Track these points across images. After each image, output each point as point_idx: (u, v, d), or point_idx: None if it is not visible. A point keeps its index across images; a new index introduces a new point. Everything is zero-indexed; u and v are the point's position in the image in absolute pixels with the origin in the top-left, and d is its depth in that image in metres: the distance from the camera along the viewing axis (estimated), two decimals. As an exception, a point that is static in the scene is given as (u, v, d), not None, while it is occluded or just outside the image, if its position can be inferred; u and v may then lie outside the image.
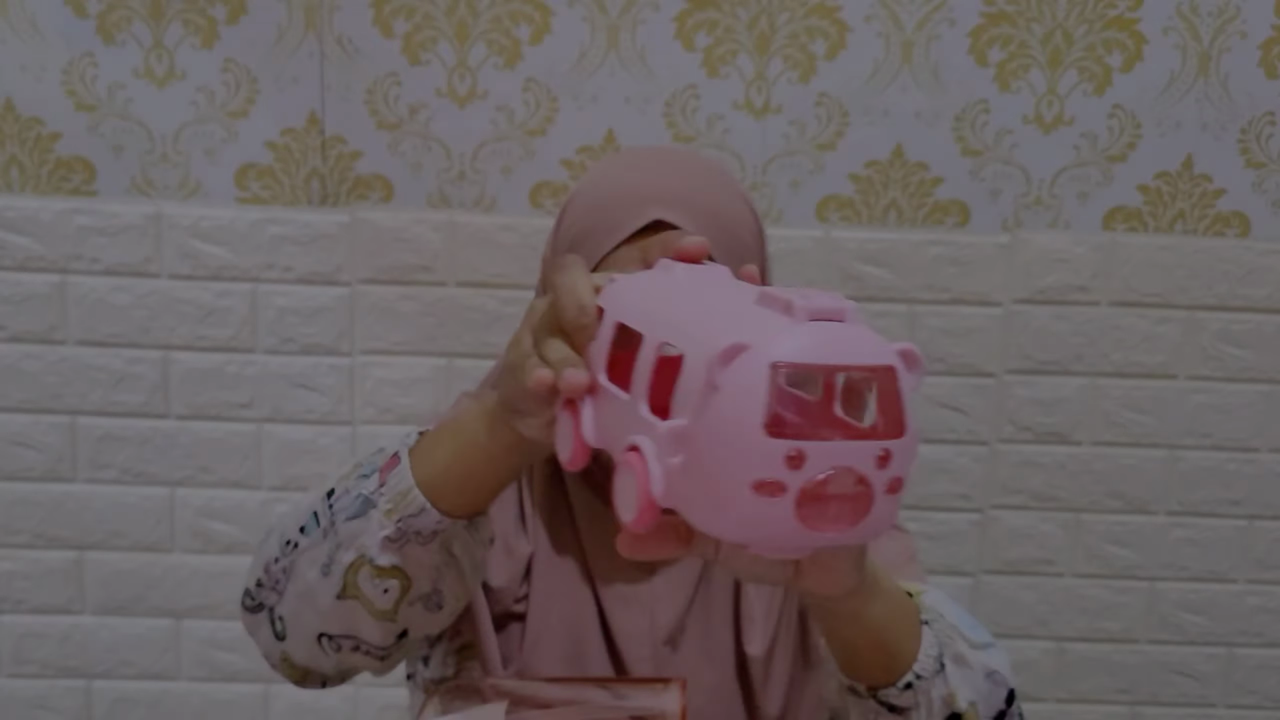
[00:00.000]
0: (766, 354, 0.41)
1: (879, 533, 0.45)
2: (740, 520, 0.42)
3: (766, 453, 0.40)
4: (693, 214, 0.76)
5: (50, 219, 1.30)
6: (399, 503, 0.68)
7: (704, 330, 0.44)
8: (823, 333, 0.42)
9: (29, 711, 1.44)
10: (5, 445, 1.36)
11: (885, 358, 0.43)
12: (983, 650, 0.72)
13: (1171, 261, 1.34)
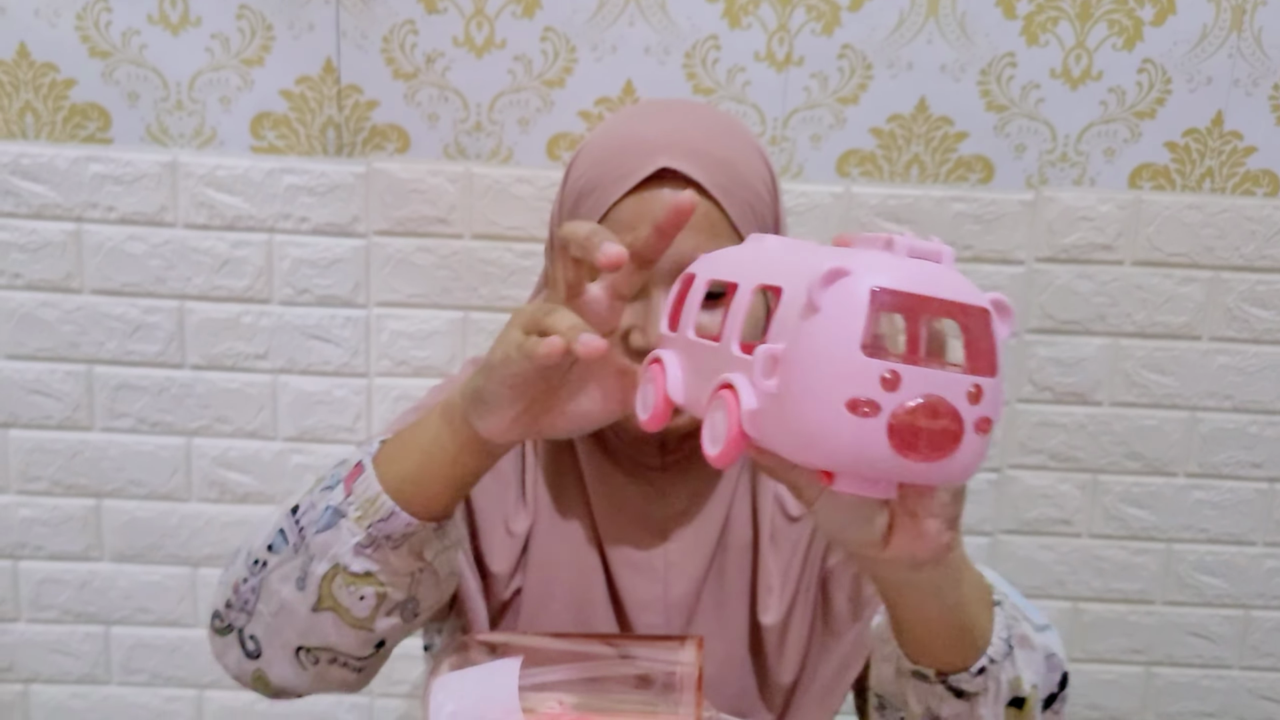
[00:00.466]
0: (868, 279, 0.41)
1: (968, 473, 0.45)
2: (832, 441, 0.42)
3: (863, 371, 0.41)
4: (702, 163, 0.75)
5: (65, 167, 1.29)
6: (368, 509, 0.68)
7: (803, 266, 0.44)
8: (921, 269, 0.43)
9: (48, 655, 1.45)
10: (23, 393, 1.36)
11: (980, 300, 0.43)
12: (1043, 632, 0.71)
13: (1198, 220, 1.32)
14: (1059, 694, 0.71)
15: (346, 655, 0.73)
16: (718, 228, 0.75)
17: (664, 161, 0.74)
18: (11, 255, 1.32)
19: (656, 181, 0.74)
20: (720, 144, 0.77)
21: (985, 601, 0.67)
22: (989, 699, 0.66)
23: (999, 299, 0.45)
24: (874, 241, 0.45)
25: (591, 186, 0.77)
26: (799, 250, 0.51)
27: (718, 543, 0.84)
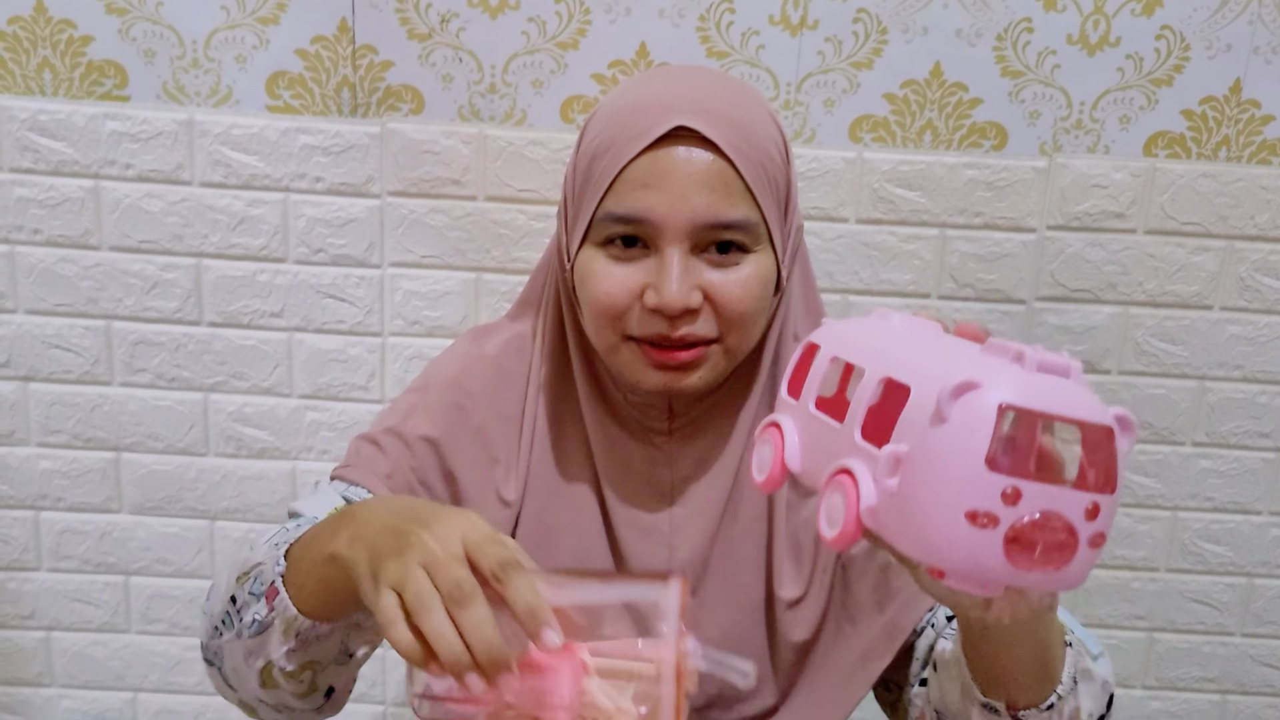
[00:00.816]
0: (996, 394, 0.43)
1: (1077, 582, 0.46)
2: (948, 546, 0.44)
3: (985, 484, 0.43)
4: (716, 122, 0.75)
5: (83, 124, 1.30)
6: (290, 625, 0.70)
7: (932, 368, 0.46)
8: (1050, 384, 0.44)
9: (69, 604, 1.49)
10: (44, 347, 1.39)
11: (1105, 418, 0.45)
12: (1098, 661, 0.74)
13: (1212, 189, 1.31)
14: (1106, 714, 0.75)
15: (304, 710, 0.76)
16: (731, 187, 0.75)
17: (679, 119, 0.74)
18: (31, 211, 1.33)
19: (671, 140, 0.75)
20: (734, 106, 0.77)
21: (1061, 642, 0.69)
22: None
23: (1123, 415, 0.47)
24: (1004, 351, 0.46)
25: (606, 146, 0.77)
26: (926, 341, 0.52)
27: (725, 509, 0.84)
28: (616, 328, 0.78)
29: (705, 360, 0.78)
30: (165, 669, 1.52)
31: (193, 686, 1.52)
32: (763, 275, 0.78)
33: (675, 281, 0.74)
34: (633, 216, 0.75)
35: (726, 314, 0.77)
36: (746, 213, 0.76)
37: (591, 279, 0.78)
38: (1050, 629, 0.66)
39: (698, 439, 0.85)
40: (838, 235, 1.33)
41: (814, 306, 0.89)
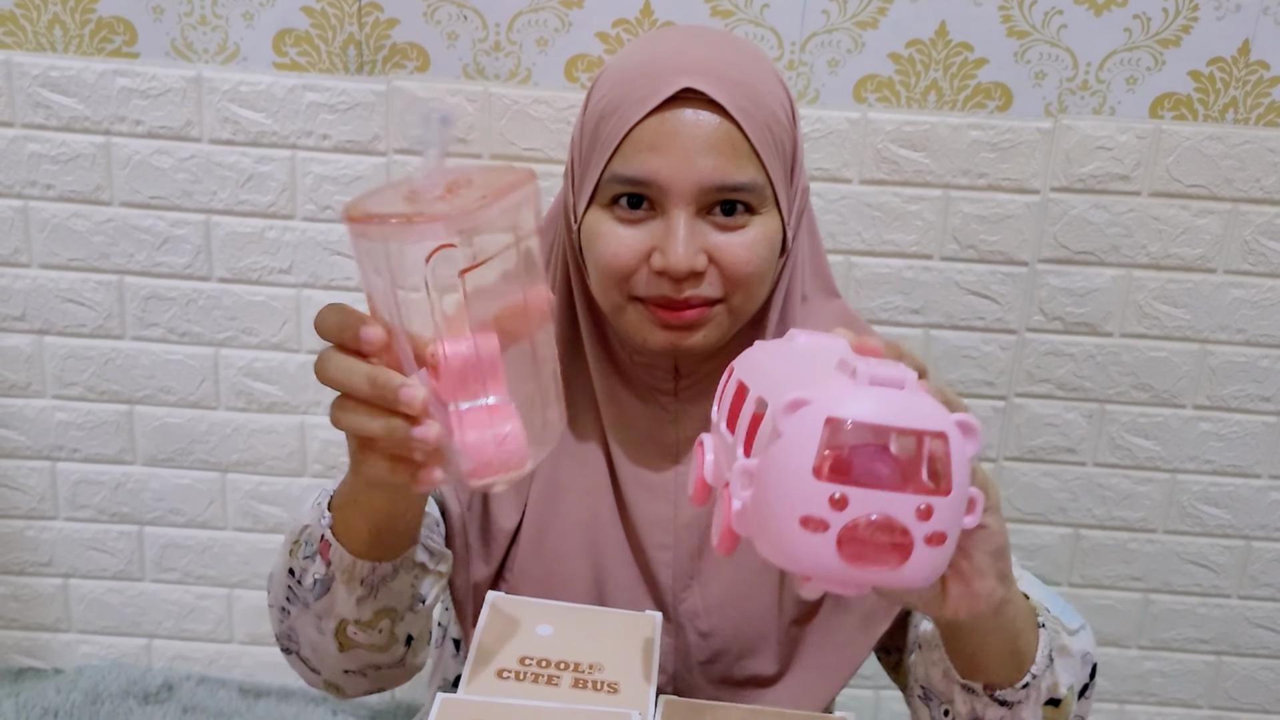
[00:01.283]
0: (823, 409, 0.46)
1: (926, 579, 0.49)
2: (791, 551, 0.47)
3: (813, 493, 0.46)
4: (723, 85, 0.75)
5: (93, 80, 1.32)
6: (353, 572, 0.72)
7: (785, 387, 0.49)
8: (880, 396, 0.47)
9: (85, 552, 1.53)
10: (58, 301, 1.41)
11: (937, 424, 0.47)
12: (1077, 635, 0.76)
13: (1218, 152, 1.31)
14: (1090, 683, 0.77)
15: (387, 664, 0.79)
16: (738, 149, 0.76)
17: (686, 81, 0.75)
18: (43, 167, 1.35)
19: (678, 102, 0.75)
20: (741, 68, 0.78)
21: (1032, 625, 0.71)
22: (1030, 705, 0.72)
23: (965, 420, 0.48)
24: (845, 368, 0.48)
25: (613, 108, 0.78)
26: (807, 361, 0.55)
27: None
28: (623, 289, 0.79)
29: (710, 320, 0.79)
30: (179, 616, 1.56)
31: (205, 634, 1.56)
32: (769, 237, 0.78)
33: (681, 244, 0.75)
34: (639, 179, 0.76)
35: (732, 276, 0.78)
36: (753, 175, 0.76)
37: (598, 241, 0.79)
38: (1016, 619, 0.68)
39: (702, 398, 0.86)
40: (841, 196, 1.34)
41: (821, 268, 0.90)
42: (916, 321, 1.38)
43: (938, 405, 0.49)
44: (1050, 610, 0.76)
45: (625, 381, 0.86)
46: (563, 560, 0.86)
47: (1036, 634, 0.72)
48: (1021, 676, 0.71)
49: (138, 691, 1.52)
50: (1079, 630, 0.77)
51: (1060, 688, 0.74)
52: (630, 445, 0.86)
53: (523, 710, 0.62)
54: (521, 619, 0.71)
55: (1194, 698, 1.54)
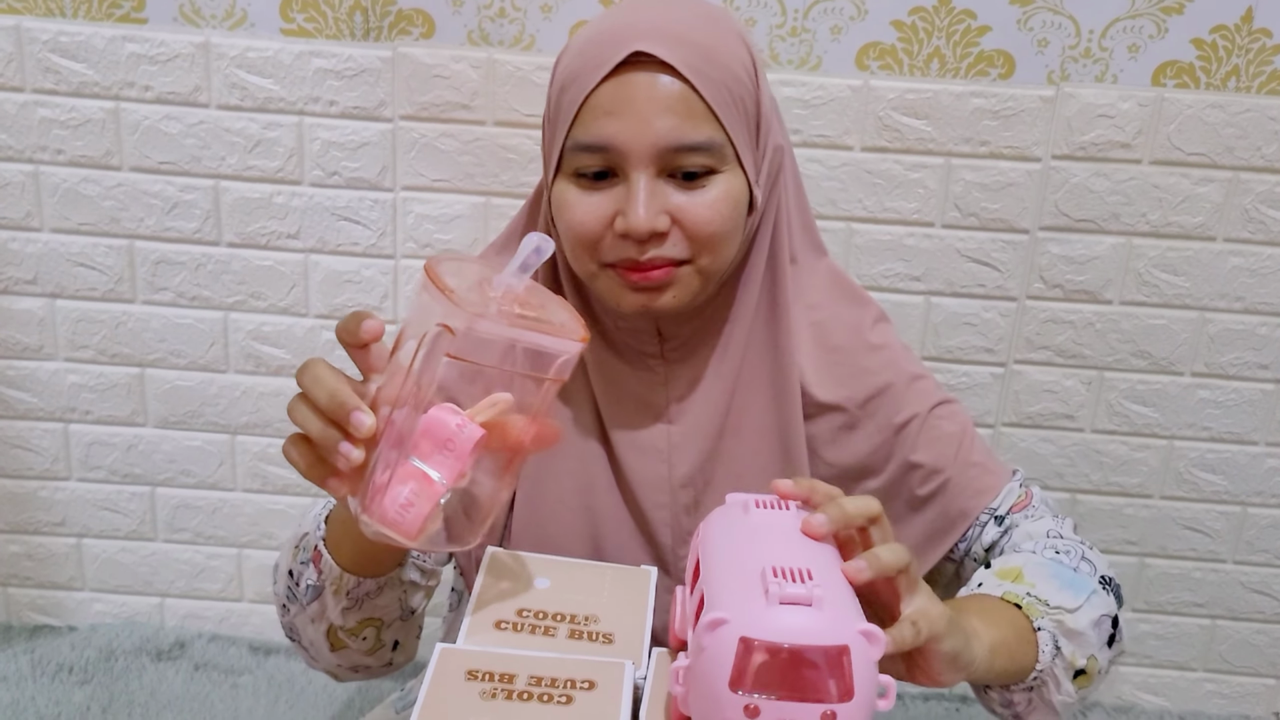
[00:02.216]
0: (738, 630, 0.53)
1: None
2: None
3: (730, 702, 0.53)
4: (676, 46, 0.76)
5: (102, 45, 1.33)
6: (340, 584, 0.76)
7: (719, 592, 0.57)
8: (789, 615, 0.53)
9: (98, 512, 1.55)
10: (69, 265, 1.43)
11: (839, 638, 0.53)
12: (1085, 607, 0.78)
13: (1220, 120, 1.31)
14: (1114, 633, 0.81)
15: (376, 665, 0.85)
16: (693, 109, 0.76)
17: (638, 45, 0.76)
18: (54, 132, 1.37)
19: (632, 66, 0.76)
20: (698, 29, 0.78)
21: (1025, 643, 0.75)
22: (1050, 688, 0.76)
23: (868, 630, 0.54)
24: (763, 583, 0.54)
25: (572, 78, 0.79)
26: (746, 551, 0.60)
27: (723, 426, 0.87)
28: (592, 255, 0.81)
29: (677, 280, 0.80)
30: (190, 575, 1.59)
31: (216, 593, 1.60)
32: (732, 196, 0.79)
33: (642, 206, 0.76)
34: (598, 144, 0.77)
35: (695, 235, 0.79)
36: (710, 134, 0.77)
37: (565, 209, 0.80)
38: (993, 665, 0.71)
39: (690, 360, 0.88)
40: (842, 163, 1.35)
41: (810, 227, 0.91)
42: (917, 288, 1.40)
43: (846, 615, 0.54)
44: (1051, 600, 0.78)
45: (613, 347, 0.88)
46: (560, 524, 0.88)
47: (1033, 645, 0.75)
48: (1023, 680, 0.75)
49: (150, 649, 1.55)
50: (1085, 602, 0.79)
51: (1078, 661, 0.77)
52: (621, 409, 0.88)
53: (520, 659, 0.64)
54: (520, 573, 0.74)
55: (1188, 660, 1.57)
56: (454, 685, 0.61)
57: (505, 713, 0.59)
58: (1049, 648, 0.75)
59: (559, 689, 0.62)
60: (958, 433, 0.88)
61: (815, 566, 0.56)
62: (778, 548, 0.59)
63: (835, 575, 0.58)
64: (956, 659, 0.66)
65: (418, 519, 0.61)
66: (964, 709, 1.55)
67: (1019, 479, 0.90)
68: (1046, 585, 0.80)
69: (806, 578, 0.54)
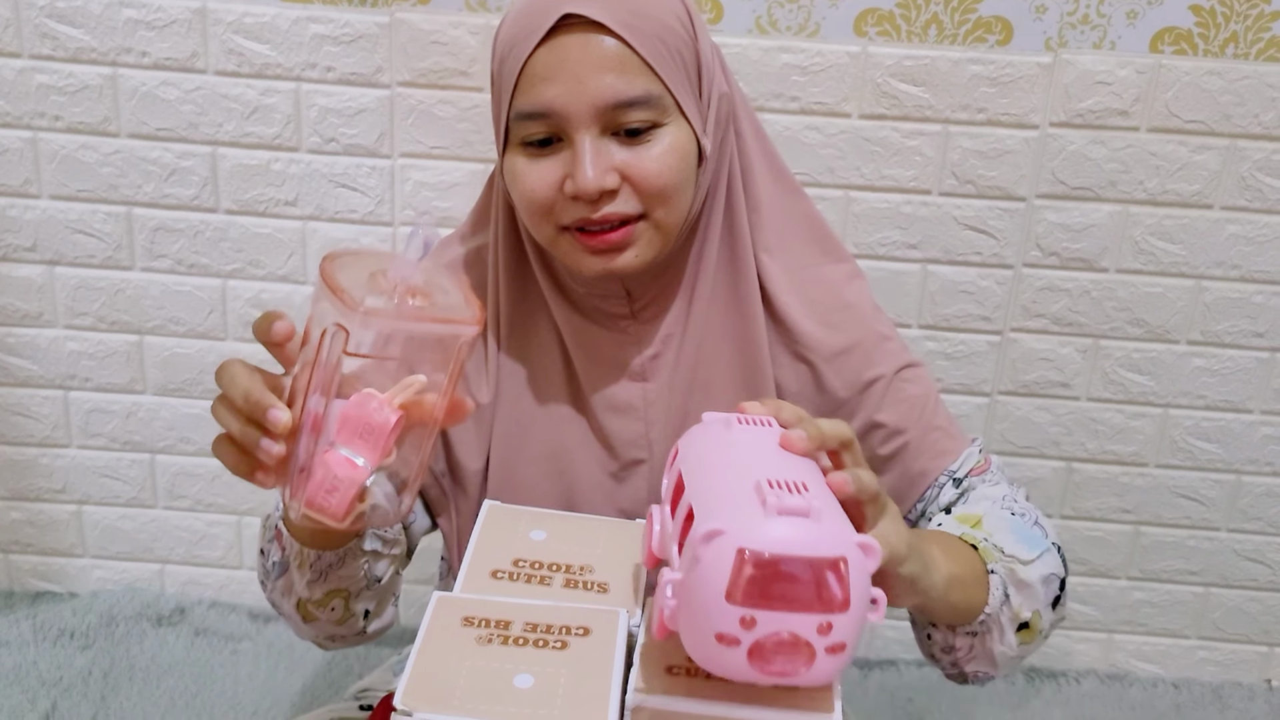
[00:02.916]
0: (735, 540, 0.52)
1: (828, 679, 0.54)
2: (709, 659, 0.54)
3: (726, 614, 0.52)
4: (607, 5, 0.76)
5: (99, 10, 1.33)
6: (302, 559, 0.78)
7: (712, 504, 0.56)
8: (786, 526, 0.52)
9: (99, 479, 1.56)
10: (68, 232, 1.43)
11: (836, 550, 0.52)
12: (1038, 561, 0.81)
13: (1218, 87, 1.31)
14: (1060, 595, 0.83)
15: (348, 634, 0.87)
16: (627, 64, 0.77)
17: (566, 8, 0.76)
18: (51, 98, 1.37)
19: (563, 30, 0.76)
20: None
21: (978, 582, 0.77)
22: (994, 635, 0.79)
23: (864, 542, 0.54)
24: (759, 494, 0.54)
25: (509, 48, 0.79)
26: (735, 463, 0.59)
27: (693, 381, 0.88)
28: (549, 220, 0.81)
29: (637, 238, 0.81)
30: (191, 542, 1.60)
31: (216, 560, 1.61)
32: (678, 147, 0.80)
33: (589, 166, 0.77)
34: (539, 110, 0.78)
35: (646, 190, 0.79)
36: (648, 87, 0.77)
37: (516, 179, 0.81)
38: (948, 596, 0.73)
39: (660, 317, 0.88)
40: (840, 130, 1.35)
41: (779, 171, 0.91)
42: (914, 256, 1.40)
43: (842, 527, 0.54)
44: (1006, 549, 0.81)
45: (582, 311, 0.88)
46: (533, 491, 0.89)
47: (985, 586, 0.77)
48: (972, 621, 0.77)
49: (151, 615, 1.57)
50: (1037, 558, 0.81)
51: (1023, 613, 0.80)
52: (595, 371, 0.89)
53: (515, 607, 0.64)
54: (516, 525, 0.74)
55: (1182, 628, 1.58)
56: (450, 631, 0.62)
57: (501, 657, 0.60)
58: (999, 592, 0.77)
59: (554, 635, 0.62)
60: (922, 396, 0.89)
61: (807, 480, 0.56)
62: (769, 461, 0.59)
63: (825, 489, 0.59)
64: (915, 583, 0.67)
65: (344, 502, 0.64)
66: (959, 675, 1.57)
67: (978, 445, 0.91)
68: (1003, 535, 0.82)
69: (802, 489, 0.54)
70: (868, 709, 1.51)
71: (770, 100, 1.33)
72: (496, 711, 0.56)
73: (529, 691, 0.58)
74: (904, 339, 0.93)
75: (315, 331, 0.63)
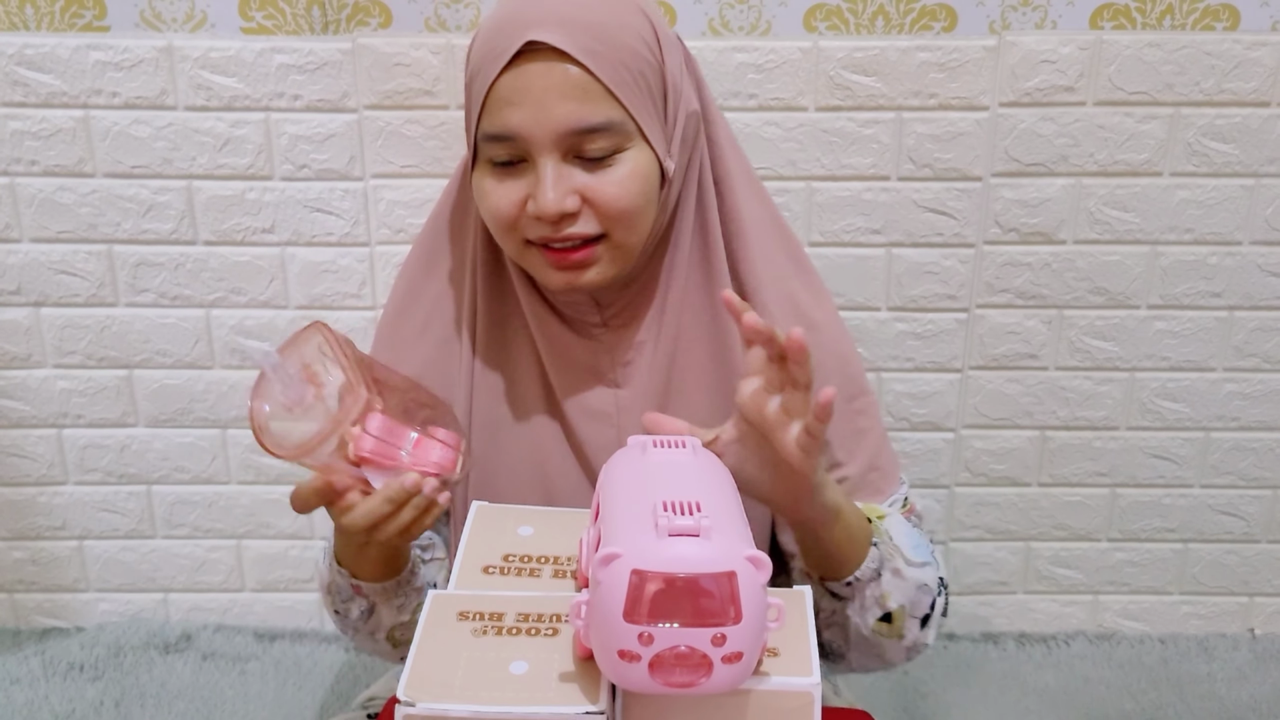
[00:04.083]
0: (629, 563, 0.56)
1: (729, 687, 0.58)
2: (614, 673, 0.58)
3: (625, 632, 0.56)
4: (569, 31, 0.78)
5: (67, 55, 1.36)
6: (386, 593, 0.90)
7: (613, 528, 0.60)
8: (677, 549, 0.56)
9: (97, 514, 1.59)
10: (51, 274, 1.46)
11: (725, 565, 0.56)
12: (919, 568, 0.87)
13: (1158, 58, 1.35)
14: (931, 614, 0.88)
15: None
16: (590, 91, 0.79)
17: (531, 35, 0.78)
18: (26, 143, 1.40)
19: (528, 55, 0.79)
20: (592, 9, 0.80)
21: (861, 543, 0.83)
22: (855, 606, 0.85)
23: (753, 555, 0.57)
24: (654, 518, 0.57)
25: (476, 70, 0.82)
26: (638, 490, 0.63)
27: (667, 388, 0.91)
28: (514, 235, 0.84)
29: (599, 257, 0.84)
30: (192, 570, 1.63)
31: (218, 585, 1.63)
32: (640, 171, 0.82)
33: (549, 190, 0.80)
34: (503, 134, 0.81)
35: (605, 213, 0.82)
36: (609, 115, 0.80)
37: (483, 197, 0.84)
38: (835, 531, 0.80)
39: (632, 325, 0.91)
40: (798, 124, 1.39)
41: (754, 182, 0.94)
42: (878, 241, 1.44)
43: (733, 543, 0.57)
44: (896, 540, 0.87)
45: (558, 318, 0.91)
46: (515, 494, 0.93)
47: (865, 550, 0.83)
48: (843, 576, 0.83)
49: (158, 643, 1.59)
50: (923, 565, 0.87)
51: (889, 601, 0.85)
52: (569, 377, 0.92)
53: (507, 599, 0.68)
54: (504, 522, 0.78)
55: (1164, 585, 1.62)
56: (447, 626, 0.65)
57: (496, 647, 0.64)
58: (873, 565, 0.83)
59: (545, 623, 0.66)
60: (868, 431, 0.94)
61: (706, 499, 0.59)
62: (671, 483, 0.62)
63: (727, 506, 0.62)
64: (818, 490, 0.75)
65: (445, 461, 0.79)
66: (950, 646, 1.61)
67: (904, 490, 0.96)
68: (899, 534, 0.88)
69: (695, 510, 0.57)
70: (865, 683, 1.55)
71: (729, 99, 1.37)
72: (495, 697, 0.59)
73: (524, 677, 0.61)
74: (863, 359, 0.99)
75: None
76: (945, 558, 1.61)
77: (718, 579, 0.56)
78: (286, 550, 1.61)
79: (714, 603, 0.56)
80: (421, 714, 0.59)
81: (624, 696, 0.61)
